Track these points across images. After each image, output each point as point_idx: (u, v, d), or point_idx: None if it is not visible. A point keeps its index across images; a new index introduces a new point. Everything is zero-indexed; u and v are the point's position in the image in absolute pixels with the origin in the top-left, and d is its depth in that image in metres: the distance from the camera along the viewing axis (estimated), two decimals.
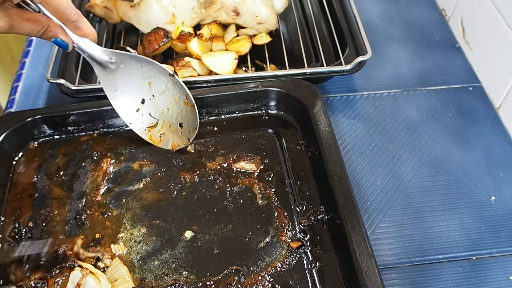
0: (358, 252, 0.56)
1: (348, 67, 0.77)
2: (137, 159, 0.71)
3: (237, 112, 0.77)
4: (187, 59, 0.79)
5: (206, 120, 0.76)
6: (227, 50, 0.81)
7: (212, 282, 0.59)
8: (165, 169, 0.70)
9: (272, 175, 0.69)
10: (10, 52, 1.19)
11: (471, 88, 0.85)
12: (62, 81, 0.73)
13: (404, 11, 0.99)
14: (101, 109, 0.72)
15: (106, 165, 0.70)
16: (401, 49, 0.91)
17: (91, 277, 0.56)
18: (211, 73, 0.78)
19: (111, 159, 0.71)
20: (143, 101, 0.70)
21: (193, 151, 0.72)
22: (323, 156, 0.65)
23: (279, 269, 0.60)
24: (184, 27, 0.80)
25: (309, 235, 0.63)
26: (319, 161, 0.67)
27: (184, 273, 0.60)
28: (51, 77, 0.74)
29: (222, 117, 0.76)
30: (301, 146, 0.72)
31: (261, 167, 0.70)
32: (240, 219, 0.64)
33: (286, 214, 0.65)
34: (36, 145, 0.73)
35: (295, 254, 0.61)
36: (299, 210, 0.65)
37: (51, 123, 0.73)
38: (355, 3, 0.87)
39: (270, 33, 0.85)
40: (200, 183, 0.68)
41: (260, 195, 0.67)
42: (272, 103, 0.76)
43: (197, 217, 0.65)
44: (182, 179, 0.69)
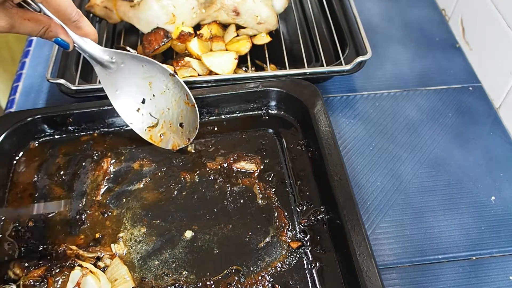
0: (358, 252, 0.56)
1: (348, 67, 0.77)
2: (137, 159, 0.71)
3: (237, 112, 0.77)
4: (187, 59, 0.79)
5: (206, 120, 0.76)
6: (227, 50, 0.81)
7: (212, 282, 0.59)
8: (165, 169, 0.70)
9: (273, 175, 0.69)
10: (10, 52, 1.19)
11: (471, 88, 0.85)
12: (62, 81, 0.73)
13: (404, 11, 0.99)
14: (101, 108, 0.72)
15: (106, 165, 0.70)
16: (401, 49, 0.91)
17: (91, 276, 0.56)
18: (211, 73, 0.78)
19: (112, 159, 0.71)
20: (143, 101, 0.70)
21: (194, 151, 0.72)
22: (323, 156, 0.65)
23: (279, 269, 0.60)
24: (184, 27, 0.80)
25: (309, 235, 0.63)
26: (319, 161, 0.67)
27: (184, 273, 0.60)
28: (51, 77, 0.74)
29: (223, 117, 0.76)
30: (302, 146, 0.72)
31: (262, 167, 0.70)
32: (240, 219, 0.64)
33: (286, 214, 0.65)
34: (37, 144, 0.73)
35: (295, 254, 0.61)
36: (299, 210, 0.65)
37: (51, 122, 0.73)
38: (355, 3, 0.87)
39: (270, 33, 0.85)
40: (200, 183, 0.68)
41: (260, 195, 0.67)
42: (273, 103, 0.76)
43: (197, 217, 0.65)
44: (183, 179, 0.69)
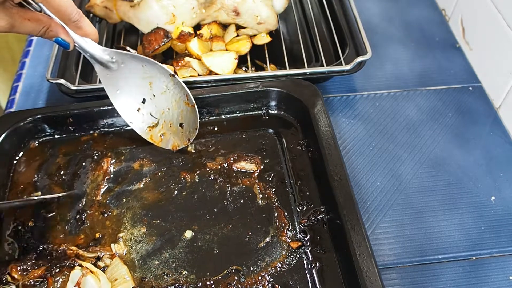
0: (358, 252, 0.56)
1: (348, 67, 0.77)
2: (137, 159, 0.71)
3: (237, 112, 0.77)
4: (187, 59, 0.79)
5: (206, 120, 0.76)
6: (227, 50, 0.81)
7: (212, 282, 0.59)
8: (165, 168, 0.70)
9: (273, 175, 0.69)
10: (10, 52, 1.19)
11: (471, 88, 0.85)
12: (62, 81, 0.73)
13: (404, 11, 0.99)
14: (101, 108, 0.72)
15: (106, 165, 0.70)
16: (401, 49, 0.91)
17: (91, 276, 0.56)
18: (211, 73, 0.78)
19: (112, 159, 0.71)
20: (144, 101, 0.70)
21: (194, 151, 0.72)
22: (324, 156, 0.65)
23: (279, 269, 0.60)
24: (184, 27, 0.80)
25: (309, 235, 0.63)
26: (319, 161, 0.67)
27: (184, 272, 0.60)
28: (51, 77, 0.74)
29: (223, 117, 0.76)
30: (302, 146, 0.72)
31: (262, 167, 0.70)
32: (240, 219, 0.64)
33: (286, 214, 0.65)
34: (37, 144, 0.73)
35: (295, 254, 0.61)
36: (299, 210, 0.65)
37: (51, 122, 0.73)
38: (355, 3, 0.87)
39: (270, 33, 0.85)
40: (201, 183, 0.68)
41: (261, 195, 0.67)
42: (273, 103, 0.76)
43: (197, 217, 0.65)
44: (183, 179, 0.69)
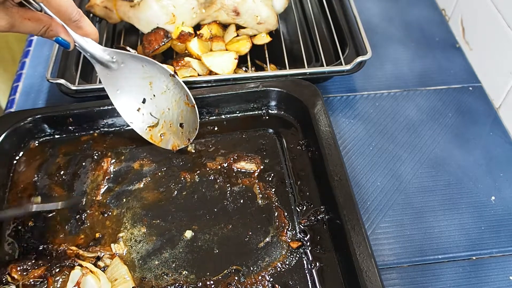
0: (358, 252, 0.56)
1: (348, 67, 0.77)
2: (137, 159, 0.71)
3: (237, 112, 0.77)
4: (187, 59, 0.79)
5: (206, 120, 0.76)
6: (227, 50, 0.81)
7: (212, 282, 0.59)
8: (165, 168, 0.70)
9: (273, 175, 0.69)
10: (11, 52, 1.19)
11: (471, 88, 0.85)
12: (62, 81, 0.73)
13: (404, 11, 0.99)
14: (101, 108, 0.72)
15: (106, 165, 0.70)
16: (401, 49, 0.91)
17: (91, 276, 0.56)
18: (211, 73, 0.78)
19: (112, 159, 0.71)
20: (144, 101, 0.70)
21: (194, 151, 0.72)
22: (324, 156, 0.65)
23: (279, 269, 0.60)
24: (184, 27, 0.80)
25: (309, 235, 0.63)
26: (319, 161, 0.67)
27: (184, 272, 0.60)
28: (51, 77, 0.74)
29: (223, 117, 0.76)
30: (302, 146, 0.72)
31: (262, 167, 0.70)
32: (240, 219, 0.64)
33: (286, 214, 0.65)
34: (37, 144, 0.73)
35: (295, 254, 0.61)
36: (299, 210, 0.65)
37: (51, 122, 0.73)
38: (355, 3, 0.87)
39: (270, 33, 0.85)
40: (201, 183, 0.68)
41: (260, 195, 0.67)
42: (273, 103, 0.76)
43: (197, 217, 0.65)
44: (183, 178, 0.69)
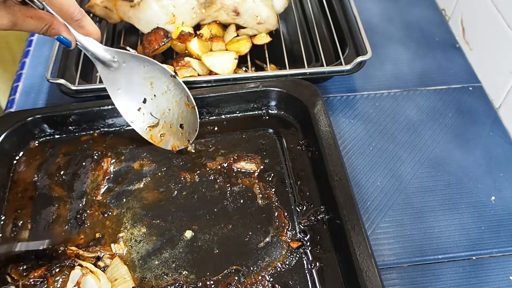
0: (358, 252, 0.56)
1: (348, 67, 0.77)
2: (137, 159, 0.71)
3: (237, 112, 0.77)
4: (187, 59, 0.79)
5: (206, 120, 0.76)
6: (227, 50, 0.81)
7: (212, 282, 0.59)
8: (165, 168, 0.70)
9: (273, 175, 0.69)
10: (11, 52, 1.19)
11: (471, 88, 0.85)
12: (62, 81, 0.73)
13: (404, 11, 0.99)
14: (101, 108, 0.72)
15: (106, 165, 0.70)
16: (401, 49, 0.91)
17: (91, 276, 0.56)
18: (211, 73, 0.78)
19: (112, 159, 0.71)
20: (144, 101, 0.70)
21: (194, 151, 0.72)
22: (324, 156, 0.65)
23: (279, 269, 0.60)
24: (184, 27, 0.80)
25: (309, 235, 0.63)
26: (319, 161, 0.67)
27: (184, 272, 0.60)
28: (51, 77, 0.74)
29: (223, 117, 0.76)
30: (302, 146, 0.72)
31: (262, 167, 0.70)
32: (240, 219, 0.64)
33: (286, 214, 0.65)
34: (37, 144, 0.73)
35: (295, 254, 0.61)
36: (299, 210, 0.65)
37: (51, 122, 0.73)
38: (355, 3, 0.87)
39: (270, 33, 0.85)
40: (201, 183, 0.68)
41: (260, 195, 0.67)
42: (273, 103, 0.76)
43: (197, 217, 0.65)
44: (183, 178, 0.69)
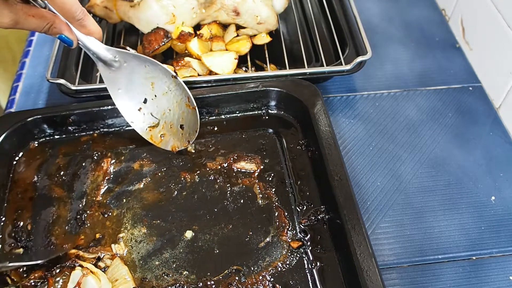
0: (358, 251, 0.56)
1: (348, 67, 0.77)
2: (137, 159, 0.71)
3: (237, 112, 0.77)
4: (187, 59, 0.79)
5: (206, 120, 0.76)
6: (227, 50, 0.81)
7: (212, 282, 0.59)
8: (165, 169, 0.70)
9: (273, 175, 0.69)
10: (11, 52, 1.19)
11: (471, 88, 0.85)
12: (62, 81, 0.73)
13: (404, 11, 0.99)
14: (101, 108, 0.72)
15: (106, 165, 0.70)
16: (401, 49, 0.91)
17: (91, 276, 0.56)
18: (211, 73, 0.78)
19: (112, 159, 0.71)
20: (145, 101, 0.70)
21: (194, 151, 0.72)
22: (324, 156, 0.65)
23: (279, 269, 0.60)
24: (184, 27, 0.80)
25: (309, 235, 0.63)
26: (319, 161, 0.67)
27: (185, 273, 0.60)
28: (51, 77, 0.74)
29: (223, 117, 0.76)
30: (302, 146, 0.72)
31: (262, 167, 0.70)
32: (240, 219, 0.64)
33: (286, 214, 0.65)
34: (36, 145, 0.73)
35: (295, 254, 0.61)
36: (299, 210, 0.65)
37: (51, 123, 0.73)
38: (355, 3, 0.87)
39: (270, 33, 0.85)
40: (201, 183, 0.68)
41: (261, 195, 0.67)
42: (273, 103, 0.76)
43: (198, 217, 0.65)
44: (183, 179, 0.69)
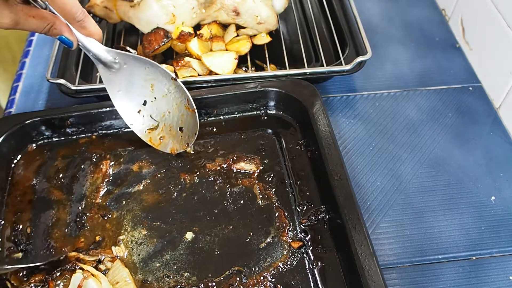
0: (359, 251, 0.56)
1: (348, 67, 0.77)
2: (136, 161, 0.71)
3: (236, 113, 0.76)
4: (187, 59, 0.79)
5: (205, 121, 0.76)
6: (227, 50, 0.81)
7: (213, 283, 0.59)
8: (164, 170, 0.70)
9: (272, 175, 0.69)
10: (11, 52, 1.19)
11: (471, 88, 0.85)
12: (62, 81, 0.73)
13: (404, 11, 0.99)
14: (100, 110, 0.72)
15: (105, 167, 0.70)
16: (401, 49, 0.91)
17: (92, 279, 0.56)
18: (211, 73, 0.78)
19: (111, 161, 0.71)
20: (145, 103, 0.70)
21: (193, 152, 0.72)
22: (323, 156, 0.65)
23: (280, 269, 0.60)
24: (184, 27, 0.80)
25: (310, 235, 0.63)
26: (319, 161, 0.66)
27: (186, 274, 0.60)
28: (51, 77, 0.73)
29: (221, 117, 0.76)
30: (301, 146, 0.72)
31: (261, 167, 0.70)
32: (240, 219, 0.64)
33: (286, 214, 0.65)
34: (35, 147, 0.73)
35: (296, 254, 0.61)
36: (299, 210, 0.65)
37: (49, 125, 0.72)
38: (355, 3, 0.87)
39: (270, 33, 0.85)
40: (200, 184, 0.68)
41: (261, 196, 0.67)
42: (271, 103, 0.76)
43: (198, 218, 0.65)
44: (182, 180, 0.69)
